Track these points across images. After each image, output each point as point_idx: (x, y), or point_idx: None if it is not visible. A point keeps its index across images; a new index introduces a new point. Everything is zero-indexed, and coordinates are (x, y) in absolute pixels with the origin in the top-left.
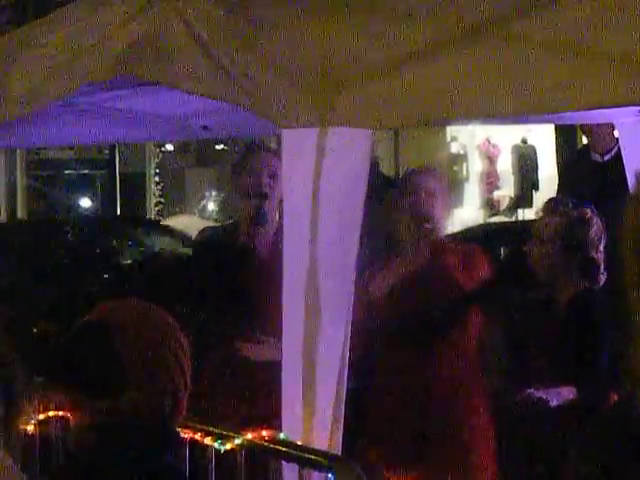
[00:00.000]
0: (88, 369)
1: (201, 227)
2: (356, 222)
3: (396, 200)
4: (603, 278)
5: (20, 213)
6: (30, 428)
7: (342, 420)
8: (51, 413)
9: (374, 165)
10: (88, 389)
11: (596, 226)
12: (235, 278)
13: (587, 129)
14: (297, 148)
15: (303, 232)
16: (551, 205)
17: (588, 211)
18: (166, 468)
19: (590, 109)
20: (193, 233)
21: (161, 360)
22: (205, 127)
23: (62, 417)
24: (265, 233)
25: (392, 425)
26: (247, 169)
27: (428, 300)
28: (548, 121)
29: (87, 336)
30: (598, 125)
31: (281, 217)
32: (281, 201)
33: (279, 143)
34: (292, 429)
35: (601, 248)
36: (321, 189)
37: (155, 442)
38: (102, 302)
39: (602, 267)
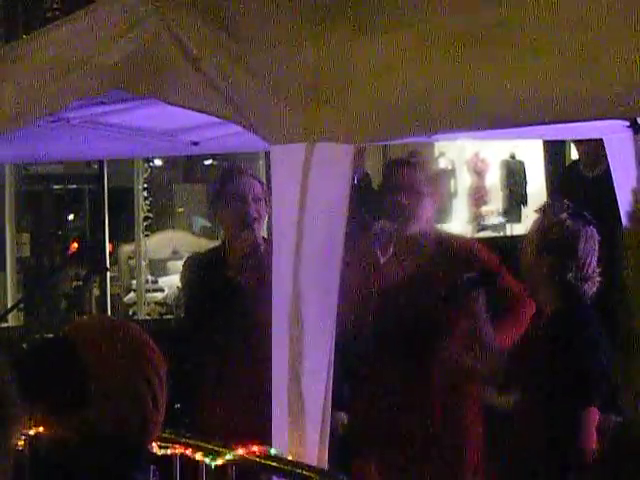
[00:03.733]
0: (50, 384)
1: (189, 242)
2: (340, 236)
3: (379, 199)
4: (589, 290)
5: (8, 229)
6: (21, 444)
7: (328, 434)
8: (41, 428)
9: (366, 180)
10: (51, 404)
11: (587, 243)
12: (225, 313)
13: (579, 143)
14: (285, 164)
15: (289, 248)
16: (544, 208)
17: (569, 219)
18: None
19: (572, 121)
20: (181, 248)
21: (127, 377)
22: (194, 143)
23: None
24: (254, 263)
25: (383, 436)
26: (232, 195)
27: (419, 303)
28: (537, 136)
29: (50, 350)
30: (589, 140)
31: (267, 242)
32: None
33: (268, 160)
34: (281, 445)
35: (587, 261)
36: (308, 203)
37: (121, 459)
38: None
39: (586, 281)
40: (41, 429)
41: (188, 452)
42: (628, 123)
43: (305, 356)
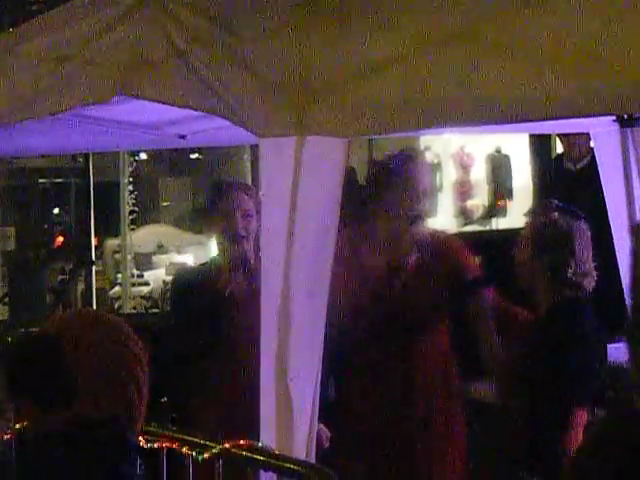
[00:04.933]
0: (34, 378)
1: (176, 236)
2: (332, 230)
3: (379, 193)
4: (588, 286)
5: None
6: (7, 437)
7: (316, 429)
8: (27, 422)
9: (351, 174)
10: (36, 398)
11: (581, 239)
12: (214, 325)
13: (563, 136)
14: (275, 158)
15: (280, 243)
16: (534, 210)
17: (561, 217)
18: (121, 478)
19: (564, 117)
20: (166, 242)
21: (111, 370)
22: (181, 136)
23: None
24: (243, 276)
25: (366, 427)
26: (220, 211)
27: (414, 296)
28: (523, 130)
29: (33, 345)
30: (573, 134)
31: (257, 256)
32: (256, 239)
33: (254, 154)
34: (269, 438)
35: (584, 257)
36: (299, 198)
37: (108, 452)
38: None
39: (586, 280)
40: (27, 423)
41: (174, 446)
42: (614, 117)
43: (293, 353)
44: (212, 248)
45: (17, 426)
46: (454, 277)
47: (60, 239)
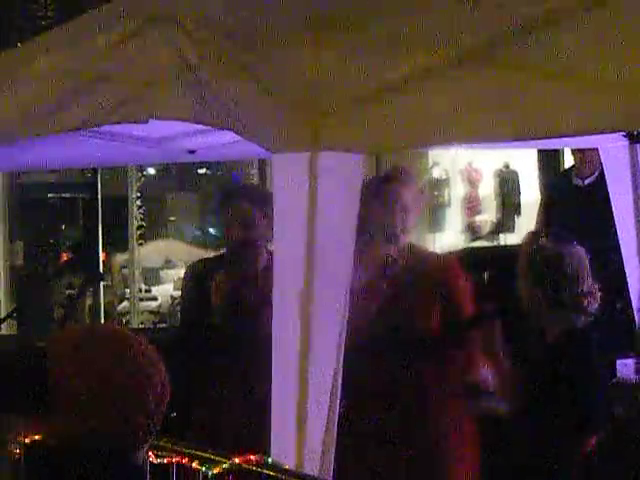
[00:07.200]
0: (17, 391)
1: (184, 251)
2: (350, 245)
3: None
4: (590, 307)
5: (1, 237)
6: (17, 451)
7: (334, 443)
8: (37, 436)
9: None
10: (26, 412)
11: (574, 261)
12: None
13: (576, 151)
14: (288, 173)
15: (298, 256)
16: (529, 238)
17: (548, 242)
18: None
19: (579, 135)
20: (174, 257)
21: (109, 386)
22: (190, 151)
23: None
24: (247, 287)
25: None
26: (223, 221)
27: (409, 316)
28: (531, 145)
29: (20, 358)
30: (585, 149)
31: (261, 257)
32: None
33: (260, 167)
34: (282, 453)
35: (580, 278)
36: (317, 212)
37: (102, 469)
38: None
39: (587, 301)
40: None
41: (184, 461)
42: (624, 133)
43: (312, 361)
44: None
45: (27, 440)
46: (439, 298)
47: (68, 254)
